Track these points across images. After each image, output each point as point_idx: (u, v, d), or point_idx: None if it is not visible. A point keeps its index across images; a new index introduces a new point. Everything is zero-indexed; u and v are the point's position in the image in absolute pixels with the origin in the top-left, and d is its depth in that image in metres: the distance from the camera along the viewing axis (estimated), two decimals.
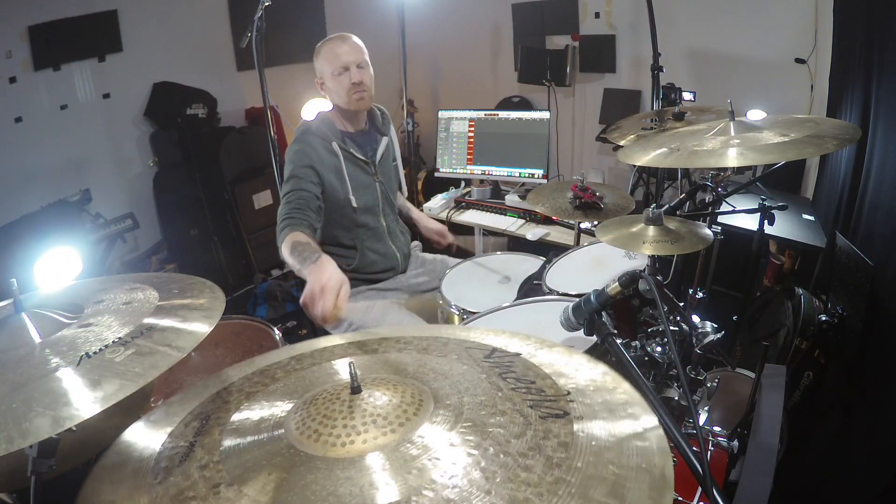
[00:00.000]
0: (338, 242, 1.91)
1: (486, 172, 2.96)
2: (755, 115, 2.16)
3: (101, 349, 0.70)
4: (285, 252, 1.53)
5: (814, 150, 1.23)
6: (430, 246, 2.26)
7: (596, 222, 1.85)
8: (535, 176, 2.85)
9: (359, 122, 1.90)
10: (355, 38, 1.81)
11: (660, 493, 0.53)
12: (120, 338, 0.73)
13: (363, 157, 1.87)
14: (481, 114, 2.97)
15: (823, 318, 1.64)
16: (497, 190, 3.00)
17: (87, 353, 0.69)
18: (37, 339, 0.74)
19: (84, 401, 0.62)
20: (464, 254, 2.37)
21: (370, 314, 1.88)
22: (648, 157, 1.40)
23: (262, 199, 3.78)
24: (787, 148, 1.23)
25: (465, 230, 2.99)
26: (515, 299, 1.68)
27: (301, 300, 1.22)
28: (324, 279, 1.21)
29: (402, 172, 2.10)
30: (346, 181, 1.82)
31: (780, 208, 1.78)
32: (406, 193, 2.17)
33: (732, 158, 1.24)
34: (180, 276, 0.98)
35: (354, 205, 1.84)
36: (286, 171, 1.77)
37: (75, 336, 0.74)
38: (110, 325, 0.77)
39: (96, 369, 0.67)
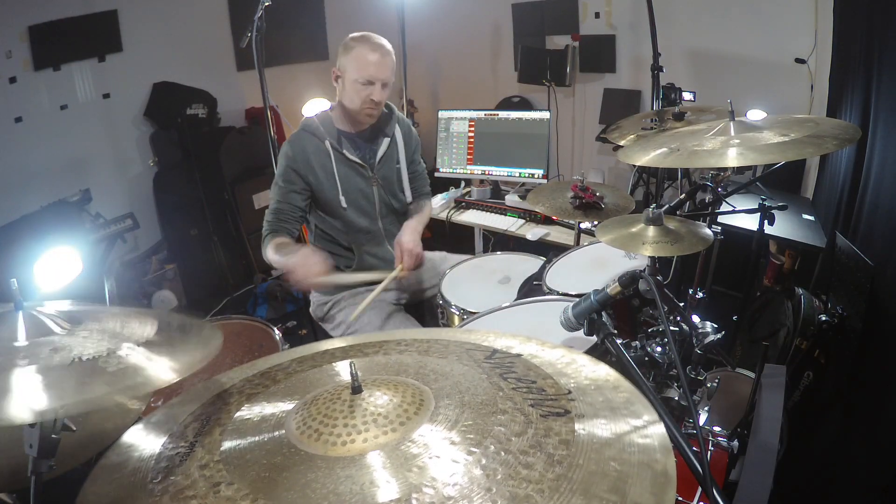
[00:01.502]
0: (336, 242, 1.91)
1: (486, 172, 2.96)
2: (755, 115, 2.16)
3: (61, 361, 0.67)
4: (269, 253, 1.74)
5: (814, 150, 1.22)
6: (429, 244, 2.25)
7: (596, 222, 1.85)
8: (535, 176, 2.85)
9: (360, 123, 1.88)
10: (389, 50, 1.75)
11: (662, 489, 0.53)
12: (80, 357, 0.69)
13: (358, 160, 1.84)
14: (481, 114, 2.97)
15: (823, 318, 1.64)
16: (497, 190, 3.00)
17: (43, 363, 0.66)
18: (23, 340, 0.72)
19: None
20: (464, 246, 2.33)
21: (370, 321, 1.88)
22: (648, 157, 1.40)
23: (262, 199, 3.78)
24: (787, 148, 1.22)
25: (465, 230, 3.00)
26: (515, 299, 1.68)
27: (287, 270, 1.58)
28: (304, 257, 1.59)
29: (405, 174, 1.97)
30: (336, 181, 1.81)
31: (780, 208, 1.78)
32: (409, 196, 2.01)
33: (732, 158, 1.24)
34: (198, 323, 0.92)
35: (344, 205, 1.82)
36: (276, 174, 1.84)
37: (52, 343, 0.71)
38: (84, 345, 0.72)
39: (87, 371, 0.65)
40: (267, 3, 1.94)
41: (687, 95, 3.05)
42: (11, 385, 0.62)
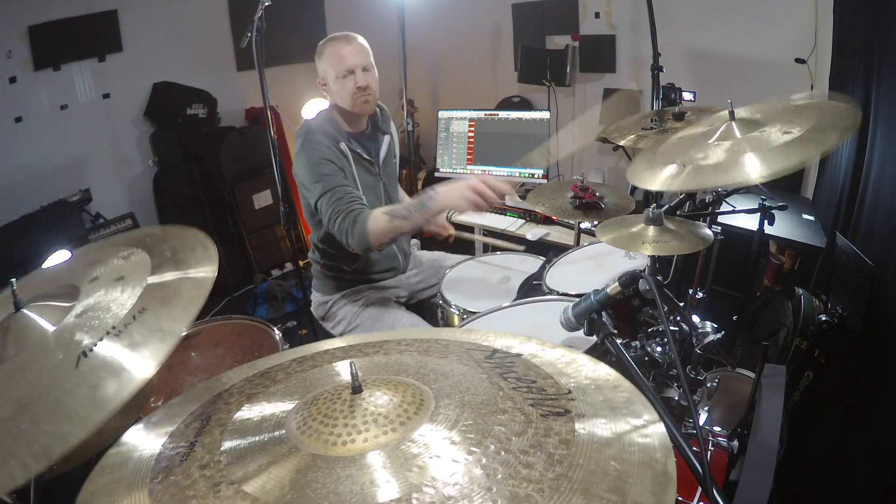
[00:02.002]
0: (339, 242, 1.91)
1: (486, 172, 2.96)
2: None
3: (101, 338, 0.69)
4: (380, 225, 1.54)
5: (832, 140, 1.10)
6: (428, 243, 2.26)
7: (596, 222, 1.85)
8: (535, 176, 2.85)
9: (360, 122, 1.89)
10: (360, 39, 1.77)
11: (662, 489, 0.53)
12: (114, 327, 0.71)
13: (368, 157, 1.86)
14: (481, 114, 2.98)
15: (823, 318, 1.64)
16: None
17: (83, 352, 0.67)
18: (46, 330, 0.73)
19: (87, 409, 0.61)
20: (464, 245, 2.36)
21: (370, 316, 1.88)
22: (659, 180, 1.26)
23: (262, 199, 3.78)
24: (802, 145, 1.11)
25: (464, 230, 3.00)
26: (515, 299, 1.68)
27: (468, 202, 1.41)
28: (466, 182, 1.38)
29: (397, 169, 2.08)
30: (357, 182, 1.81)
31: (780, 208, 1.78)
32: (400, 191, 2.15)
33: (754, 171, 1.10)
34: (171, 233, 0.95)
35: (365, 203, 1.82)
36: (308, 176, 1.69)
37: (74, 328, 0.72)
38: (108, 308, 0.75)
39: (95, 371, 0.65)
40: (267, 3, 1.95)
41: (687, 95, 3.06)
42: (117, 354, 0.66)
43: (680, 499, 1.16)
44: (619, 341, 0.96)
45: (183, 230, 0.92)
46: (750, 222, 1.97)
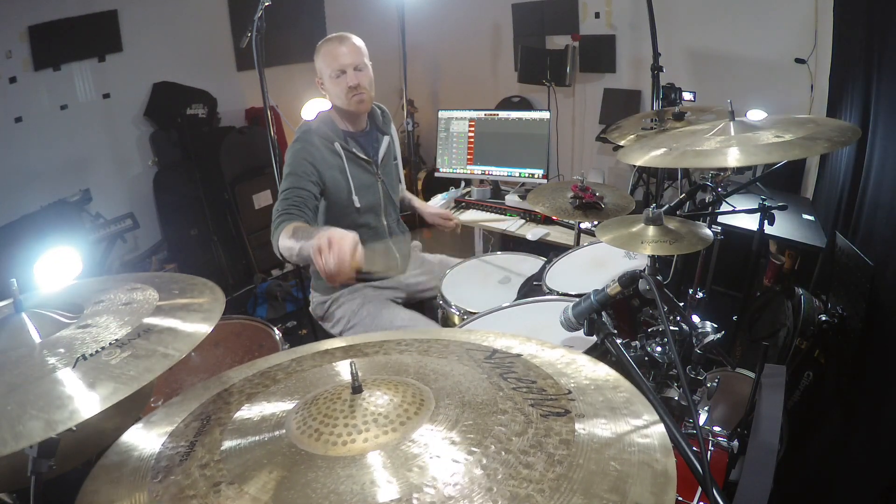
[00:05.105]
0: None
1: (486, 172, 2.96)
2: (755, 115, 2.16)
3: (97, 351, 0.70)
4: (284, 237, 1.46)
5: (818, 149, 1.19)
6: (430, 245, 2.26)
7: (596, 222, 1.85)
8: (535, 176, 2.85)
9: (359, 122, 1.89)
10: (354, 39, 1.79)
11: (662, 489, 0.53)
12: (117, 339, 0.73)
13: (365, 157, 1.86)
14: (481, 114, 2.97)
15: (823, 318, 1.64)
16: (497, 190, 3.00)
17: (83, 356, 0.68)
18: (36, 339, 0.74)
19: (78, 404, 0.61)
20: (467, 248, 2.36)
21: (368, 313, 1.88)
22: (647, 156, 1.39)
23: (262, 199, 3.78)
24: (789, 148, 1.20)
25: (465, 230, 3.00)
26: (515, 299, 1.68)
27: (314, 245, 1.15)
28: (340, 233, 1.17)
29: (401, 171, 2.10)
30: (350, 181, 1.81)
31: (780, 208, 1.78)
32: (404, 191, 2.18)
33: (733, 158, 1.22)
34: (181, 276, 0.98)
35: (357, 205, 1.83)
36: (286, 168, 1.74)
37: (73, 337, 0.74)
38: (108, 326, 0.76)
39: (91, 372, 0.66)
40: (267, 3, 1.95)
41: (687, 95, 3.06)
42: (67, 388, 0.64)
43: (680, 499, 1.16)
44: (619, 341, 0.96)
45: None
46: (750, 222, 1.97)
